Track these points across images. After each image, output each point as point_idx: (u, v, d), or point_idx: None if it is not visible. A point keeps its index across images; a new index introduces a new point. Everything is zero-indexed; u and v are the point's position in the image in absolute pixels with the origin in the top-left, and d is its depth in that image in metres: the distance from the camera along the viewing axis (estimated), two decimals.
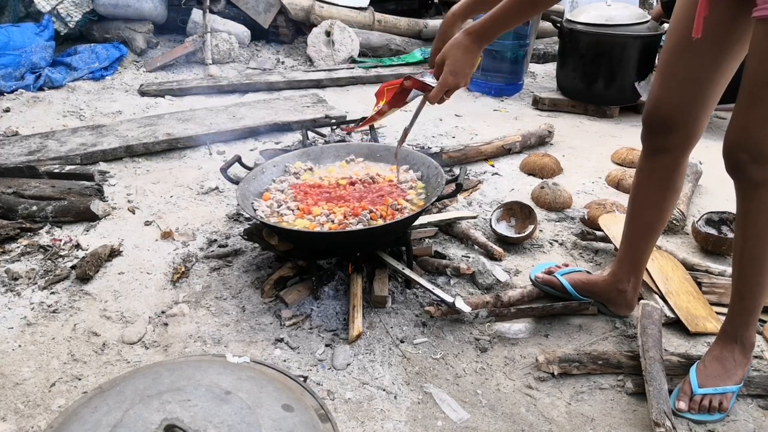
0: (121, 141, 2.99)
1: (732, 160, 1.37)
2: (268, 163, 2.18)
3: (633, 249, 1.75)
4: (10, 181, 2.51)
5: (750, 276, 1.47)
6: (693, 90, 1.50)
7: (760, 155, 1.32)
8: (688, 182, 2.59)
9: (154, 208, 2.52)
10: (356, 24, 4.93)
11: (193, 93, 3.98)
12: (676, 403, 1.52)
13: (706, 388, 1.51)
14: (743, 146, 1.34)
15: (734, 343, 1.54)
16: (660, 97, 1.55)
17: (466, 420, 1.51)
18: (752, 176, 1.35)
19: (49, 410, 1.52)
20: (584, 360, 1.64)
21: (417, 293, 1.96)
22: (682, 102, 1.52)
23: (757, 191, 1.36)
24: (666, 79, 1.52)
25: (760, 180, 1.34)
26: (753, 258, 1.44)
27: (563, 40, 3.86)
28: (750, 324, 1.53)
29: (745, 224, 1.43)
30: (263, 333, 1.79)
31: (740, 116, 1.34)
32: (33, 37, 4.01)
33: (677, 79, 1.50)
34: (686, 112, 1.52)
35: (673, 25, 1.50)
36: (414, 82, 1.58)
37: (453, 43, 1.51)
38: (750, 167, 1.34)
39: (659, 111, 1.55)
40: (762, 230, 1.40)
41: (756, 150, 1.32)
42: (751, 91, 1.30)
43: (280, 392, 1.07)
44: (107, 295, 1.96)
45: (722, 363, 1.54)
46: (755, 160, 1.32)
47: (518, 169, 2.94)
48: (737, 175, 1.38)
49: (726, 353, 1.55)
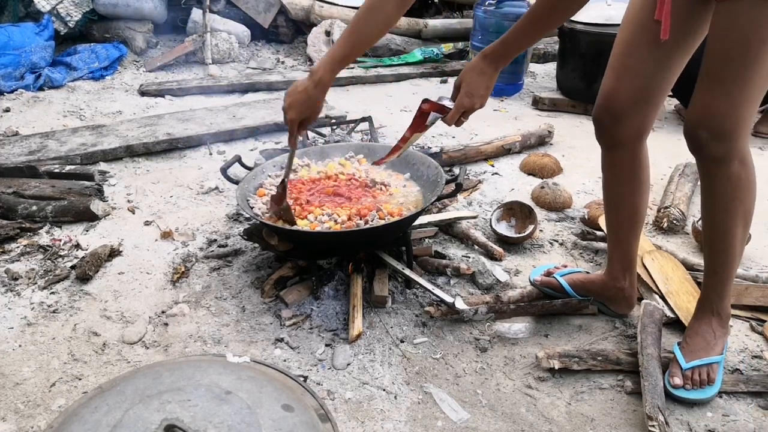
0: (121, 141, 2.99)
1: (693, 138, 1.42)
2: (268, 163, 2.18)
3: (619, 245, 1.77)
4: (10, 181, 2.51)
5: (720, 249, 1.54)
6: (648, 82, 1.54)
7: (719, 132, 1.37)
8: (688, 182, 2.59)
9: (154, 208, 2.52)
10: None
11: (193, 93, 3.98)
12: (670, 380, 1.56)
13: (692, 361, 1.57)
14: (704, 124, 1.39)
15: (711, 316, 1.61)
16: (612, 91, 1.58)
17: (466, 420, 1.51)
18: (713, 152, 1.40)
19: (49, 410, 1.52)
20: (584, 356, 1.65)
21: (417, 293, 1.96)
22: (636, 94, 1.56)
23: (718, 167, 1.42)
24: (619, 72, 1.56)
25: (720, 155, 1.40)
26: (720, 231, 1.51)
27: (563, 40, 3.86)
28: (724, 295, 1.60)
29: (709, 199, 1.49)
30: (263, 333, 1.79)
31: (701, 95, 1.39)
32: (33, 36, 4.01)
33: (632, 72, 1.54)
34: (639, 104, 1.57)
35: (628, 19, 1.55)
36: (431, 105, 1.60)
37: (469, 67, 1.55)
38: (710, 144, 1.39)
39: (611, 104, 1.59)
40: (725, 203, 1.46)
41: (716, 126, 1.37)
42: (711, 69, 1.35)
43: (280, 392, 1.07)
44: (107, 295, 1.96)
45: (703, 336, 1.60)
46: (715, 136, 1.38)
47: (518, 169, 2.94)
48: (699, 152, 1.44)
49: (705, 326, 1.61)
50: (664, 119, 3.67)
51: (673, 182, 2.60)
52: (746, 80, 1.32)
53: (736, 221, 1.48)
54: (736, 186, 1.44)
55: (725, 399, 1.58)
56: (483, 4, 4.00)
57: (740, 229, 1.50)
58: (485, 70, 1.53)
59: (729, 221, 1.48)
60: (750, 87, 1.33)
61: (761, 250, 2.23)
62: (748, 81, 1.32)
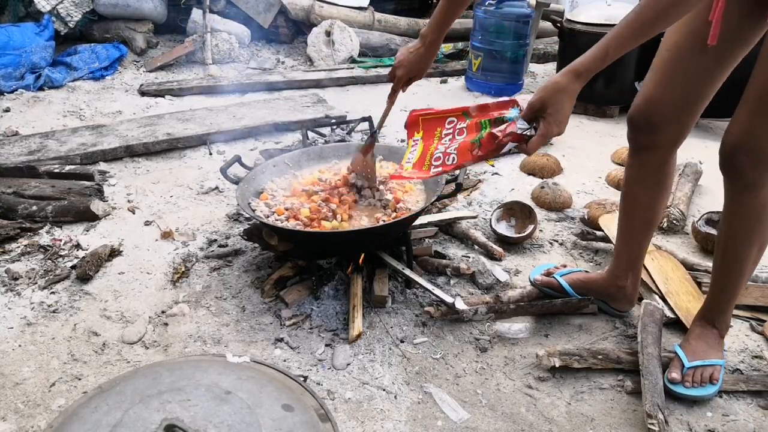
0: (121, 141, 2.99)
1: (730, 161, 1.40)
2: (268, 163, 2.18)
3: (629, 245, 1.76)
4: (10, 181, 2.51)
5: (731, 270, 1.55)
6: (692, 89, 1.50)
7: (759, 159, 1.36)
8: (688, 182, 2.59)
9: (154, 208, 2.52)
10: (356, 24, 4.93)
11: (193, 93, 3.98)
12: (668, 375, 1.56)
13: (695, 361, 1.57)
14: (745, 148, 1.37)
15: (712, 327, 1.63)
16: (655, 95, 1.53)
17: (466, 420, 1.51)
18: (748, 179, 1.39)
19: (49, 410, 1.52)
20: (584, 354, 1.65)
21: (417, 293, 1.96)
22: (678, 101, 1.51)
23: (749, 192, 1.42)
24: (665, 77, 1.51)
25: (755, 182, 1.39)
26: (736, 254, 1.51)
27: (563, 40, 3.86)
28: (727, 311, 1.62)
29: (731, 222, 1.49)
30: (263, 333, 1.79)
31: (744, 118, 1.36)
32: (33, 36, 4.01)
33: (678, 78, 1.49)
34: (680, 111, 1.53)
35: (677, 24, 1.46)
36: (514, 136, 1.37)
37: (557, 88, 1.30)
38: (748, 170, 1.38)
39: (650, 108, 1.54)
40: (747, 229, 1.47)
41: (757, 154, 1.36)
42: (760, 96, 1.32)
43: (280, 392, 1.07)
44: (107, 294, 1.96)
45: (704, 340, 1.62)
46: (754, 163, 1.36)
47: (518, 169, 2.94)
48: (733, 175, 1.42)
49: (706, 332, 1.64)
50: None
51: (673, 182, 2.60)
52: None
53: (753, 245, 1.49)
54: (761, 212, 1.43)
55: (725, 399, 1.58)
56: (483, 4, 4.00)
57: (755, 252, 1.50)
58: (574, 91, 1.29)
59: (746, 245, 1.49)
60: None
61: None
62: None
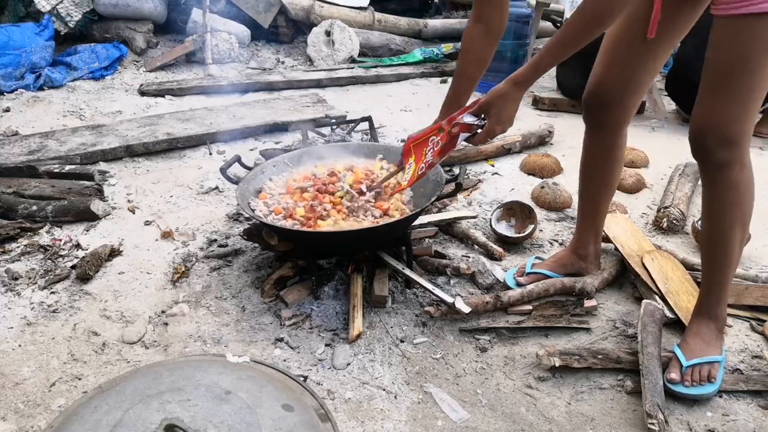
0: (121, 141, 2.99)
1: (699, 145, 1.48)
2: (268, 163, 2.18)
3: (591, 212, 1.95)
4: (10, 180, 2.51)
5: (717, 254, 1.58)
6: (633, 73, 1.68)
7: (724, 138, 1.43)
8: (688, 182, 2.59)
9: (154, 207, 2.52)
10: (356, 24, 4.94)
11: (193, 93, 3.98)
12: (667, 375, 1.57)
13: (693, 359, 1.58)
14: (709, 131, 1.44)
15: (709, 320, 1.64)
16: (602, 78, 1.72)
17: (466, 420, 1.51)
18: (716, 158, 1.45)
19: (49, 410, 1.52)
20: (584, 354, 1.65)
21: (417, 293, 1.96)
22: (622, 83, 1.70)
23: (721, 172, 1.47)
24: (609, 62, 1.70)
25: (724, 161, 1.45)
26: (719, 237, 1.55)
27: None
28: (721, 300, 1.63)
29: (710, 205, 1.54)
30: (263, 333, 1.79)
31: (705, 103, 1.45)
32: (33, 36, 4.01)
33: (621, 64, 1.68)
34: (624, 92, 1.71)
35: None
36: (462, 126, 1.61)
37: (498, 93, 1.54)
38: (715, 150, 1.44)
39: (600, 90, 1.73)
40: (726, 209, 1.51)
41: (721, 133, 1.43)
42: (714, 79, 1.42)
43: (280, 392, 1.07)
44: (107, 294, 1.96)
45: (702, 337, 1.63)
46: (720, 143, 1.43)
47: (518, 168, 2.94)
48: (703, 158, 1.49)
49: (704, 328, 1.64)
50: (664, 119, 3.67)
51: (673, 182, 2.60)
52: (748, 89, 1.38)
53: (734, 225, 1.52)
54: (735, 191, 1.48)
55: (725, 398, 1.58)
56: None
57: (738, 233, 1.53)
58: (515, 97, 1.54)
59: (727, 225, 1.52)
60: (752, 95, 1.39)
61: (761, 250, 2.23)
62: (750, 90, 1.38)
